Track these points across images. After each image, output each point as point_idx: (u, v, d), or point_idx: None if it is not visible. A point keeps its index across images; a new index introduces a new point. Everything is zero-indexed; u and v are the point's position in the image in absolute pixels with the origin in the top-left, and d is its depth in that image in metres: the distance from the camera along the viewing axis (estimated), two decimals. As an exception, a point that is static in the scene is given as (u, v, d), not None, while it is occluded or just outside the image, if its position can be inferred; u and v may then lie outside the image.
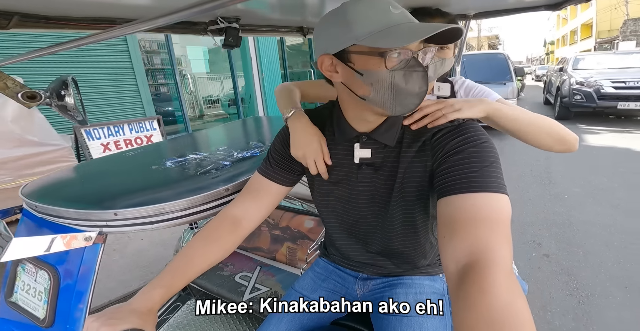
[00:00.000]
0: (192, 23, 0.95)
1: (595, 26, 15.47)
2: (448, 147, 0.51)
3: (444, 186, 0.49)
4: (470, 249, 0.40)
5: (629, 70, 5.26)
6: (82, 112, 0.77)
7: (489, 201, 0.44)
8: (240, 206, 0.65)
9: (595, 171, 2.83)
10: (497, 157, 0.49)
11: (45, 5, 0.63)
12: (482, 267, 0.38)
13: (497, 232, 0.41)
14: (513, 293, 0.36)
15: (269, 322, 0.71)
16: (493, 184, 0.45)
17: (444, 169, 0.50)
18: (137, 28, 0.44)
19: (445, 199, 0.47)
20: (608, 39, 13.65)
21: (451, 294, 0.41)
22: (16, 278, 0.77)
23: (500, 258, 0.39)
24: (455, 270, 0.41)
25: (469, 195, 0.45)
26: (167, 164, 0.94)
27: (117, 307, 0.50)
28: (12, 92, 0.63)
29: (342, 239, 0.73)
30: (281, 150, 0.67)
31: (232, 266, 1.16)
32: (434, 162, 0.53)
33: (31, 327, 0.70)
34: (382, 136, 0.58)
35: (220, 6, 0.36)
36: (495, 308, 0.35)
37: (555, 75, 6.57)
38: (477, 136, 0.51)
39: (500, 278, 0.37)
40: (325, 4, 0.89)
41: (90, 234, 0.65)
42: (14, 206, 0.81)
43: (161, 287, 0.54)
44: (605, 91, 4.86)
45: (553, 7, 0.96)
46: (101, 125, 2.91)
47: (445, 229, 0.45)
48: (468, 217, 0.43)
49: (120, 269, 1.99)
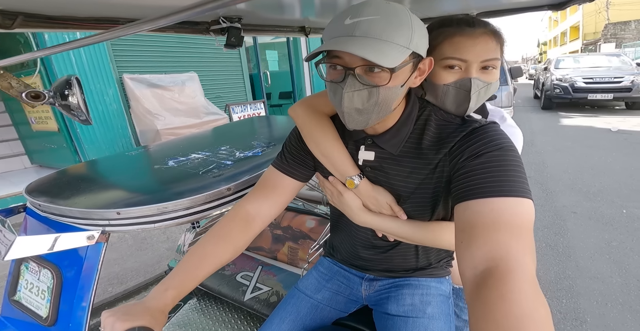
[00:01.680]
0: (195, 23, 0.95)
1: (582, 29, 17.29)
2: (469, 151, 0.49)
3: (463, 190, 0.47)
4: (490, 255, 0.39)
5: (598, 69, 6.68)
6: (86, 112, 0.78)
7: (511, 206, 0.42)
8: (253, 203, 0.64)
9: (565, 139, 4.45)
10: (520, 161, 0.47)
11: (49, 5, 0.63)
12: (503, 274, 0.37)
13: (518, 238, 0.39)
14: (536, 301, 0.34)
15: (271, 322, 0.71)
16: (516, 189, 0.43)
17: (463, 174, 0.48)
18: (140, 28, 0.44)
19: (464, 204, 0.45)
20: (593, 41, 15.63)
21: (468, 300, 0.39)
22: (20, 276, 0.78)
23: (522, 265, 0.37)
24: (473, 276, 0.39)
25: (490, 200, 0.43)
26: (169, 163, 0.94)
27: (132, 304, 0.51)
28: (16, 92, 0.63)
29: (349, 239, 0.72)
30: (297, 144, 0.66)
31: (233, 265, 1.16)
32: (452, 167, 0.51)
33: (34, 326, 0.71)
34: (386, 144, 0.57)
35: (223, 6, 0.36)
36: (516, 316, 0.33)
37: (542, 73, 7.90)
38: (498, 140, 0.48)
39: (523, 286, 0.35)
40: (326, 4, 0.89)
41: (93, 233, 0.65)
42: (18, 205, 0.81)
43: (173, 288, 0.54)
44: (578, 85, 6.28)
45: (557, 7, 0.95)
46: (242, 104, 4.49)
47: (463, 235, 0.43)
48: (488, 222, 0.41)
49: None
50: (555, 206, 2.52)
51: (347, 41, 0.45)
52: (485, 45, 0.57)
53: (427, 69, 0.53)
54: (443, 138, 0.53)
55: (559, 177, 3.10)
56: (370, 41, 0.44)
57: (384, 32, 0.45)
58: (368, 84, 0.47)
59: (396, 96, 0.50)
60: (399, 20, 0.46)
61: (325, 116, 0.64)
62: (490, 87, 0.60)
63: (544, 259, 1.88)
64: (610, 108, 6.74)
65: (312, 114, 0.64)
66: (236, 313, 1.09)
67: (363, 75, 0.47)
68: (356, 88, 0.47)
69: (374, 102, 0.48)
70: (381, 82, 0.47)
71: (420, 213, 0.60)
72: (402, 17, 0.46)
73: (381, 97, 0.48)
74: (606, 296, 1.57)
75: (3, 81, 0.62)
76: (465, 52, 0.56)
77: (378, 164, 0.59)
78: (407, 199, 0.59)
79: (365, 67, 0.47)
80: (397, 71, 0.46)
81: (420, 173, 0.56)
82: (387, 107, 0.51)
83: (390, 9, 0.46)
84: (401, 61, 0.45)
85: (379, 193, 0.61)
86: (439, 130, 0.55)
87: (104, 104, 3.38)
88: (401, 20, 0.46)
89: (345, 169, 0.61)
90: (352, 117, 0.50)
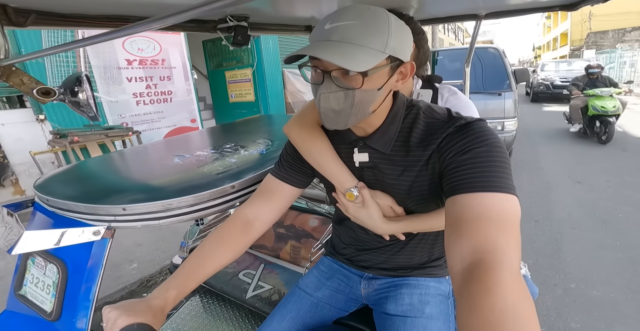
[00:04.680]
0: (202, 21, 0.96)
1: (570, 36, 19.74)
2: (456, 148, 0.50)
3: (452, 185, 0.48)
4: (476, 248, 0.40)
5: (573, 71, 9.13)
6: (94, 109, 0.79)
7: (498, 200, 0.43)
8: (253, 208, 0.66)
9: (545, 121, 6.81)
10: (507, 157, 0.48)
11: (61, 3, 0.64)
12: (488, 266, 0.38)
13: (504, 232, 0.40)
14: (519, 294, 0.35)
15: (271, 320, 0.71)
16: (502, 184, 0.44)
17: (452, 169, 0.49)
18: (150, 26, 0.45)
19: (453, 199, 0.46)
20: (578, 47, 18.17)
21: (455, 294, 0.40)
22: (26, 271, 0.79)
23: (507, 258, 0.38)
24: (460, 269, 0.40)
25: (477, 195, 0.44)
26: (175, 160, 0.95)
27: (135, 301, 0.52)
28: (27, 88, 0.64)
29: (350, 239, 0.73)
30: (292, 153, 0.68)
31: (236, 263, 1.17)
32: (442, 163, 0.53)
33: (38, 320, 0.71)
34: (377, 143, 0.58)
35: (232, 4, 0.36)
36: (500, 309, 0.34)
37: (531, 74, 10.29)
38: (485, 136, 0.50)
39: (506, 278, 0.36)
40: (333, 4, 0.89)
41: (99, 229, 0.66)
42: (26, 200, 0.83)
43: (175, 288, 0.55)
44: (556, 83, 9.07)
45: (569, 7, 0.94)
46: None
47: (452, 229, 0.44)
48: (475, 216, 0.42)
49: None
50: (533, 142, 5.02)
51: (322, 46, 0.47)
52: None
53: (409, 72, 0.54)
54: (430, 135, 0.55)
55: (536, 132, 5.75)
56: (344, 46, 0.46)
57: (360, 37, 0.47)
58: (343, 87, 0.49)
59: (373, 98, 0.51)
60: (375, 25, 0.47)
61: (317, 128, 0.66)
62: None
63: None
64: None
65: (305, 130, 0.66)
66: (238, 310, 1.09)
67: (339, 77, 0.49)
68: (332, 90, 0.49)
69: (349, 103, 0.50)
70: (356, 85, 0.49)
71: (423, 208, 0.61)
72: (380, 22, 0.48)
73: (357, 99, 0.50)
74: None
75: (15, 77, 0.63)
76: None
77: (374, 165, 0.60)
78: (407, 197, 0.60)
79: (341, 70, 0.48)
80: (371, 75, 0.48)
81: (412, 170, 0.57)
82: (364, 109, 0.52)
83: (369, 14, 0.48)
84: (373, 65, 0.47)
85: (379, 197, 0.62)
86: (426, 127, 0.56)
87: (275, 86, 5.43)
88: (378, 25, 0.48)
89: (343, 181, 0.63)
90: (329, 117, 0.52)
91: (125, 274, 1.95)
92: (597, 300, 1.61)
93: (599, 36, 16.17)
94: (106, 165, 1.04)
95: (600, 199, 2.79)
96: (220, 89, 5.53)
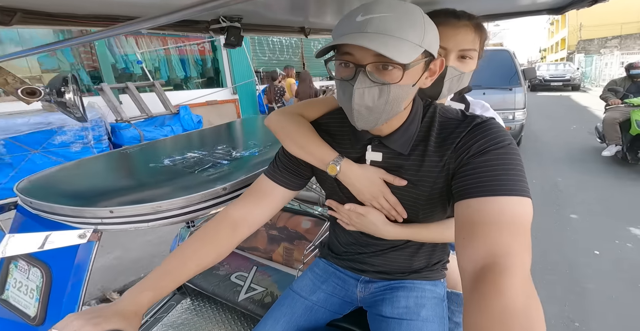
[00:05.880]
0: (194, 22, 0.95)
1: (567, 41, 24.47)
2: (475, 148, 0.49)
3: (466, 187, 0.47)
4: (490, 252, 0.40)
5: (557, 70, 14.43)
6: (81, 109, 0.77)
7: (513, 205, 0.43)
8: (242, 208, 0.63)
9: (541, 107, 8.56)
10: (520, 160, 0.47)
11: (48, 2, 0.63)
12: (501, 270, 0.38)
13: (518, 237, 0.41)
14: (529, 297, 0.36)
15: (264, 323, 0.71)
16: (518, 188, 0.44)
17: (467, 171, 0.48)
18: (140, 26, 0.44)
19: (467, 202, 0.46)
20: (573, 51, 22.56)
21: (465, 295, 0.40)
22: (8, 275, 0.76)
23: (520, 262, 0.39)
24: (472, 271, 0.40)
25: (493, 198, 0.44)
26: (164, 162, 0.93)
27: (102, 307, 0.48)
28: (12, 88, 0.63)
29: (348, 241, 0.72)
30: (290, 154, 0.65)
31: (228, 265, 1.15)
32: (458, 163, 0.51)
33: (21, 325, 0.69)
34: (395, 143, 0.56)
35: (223, 5, 0.36)
36: (510, 311, 0.35)
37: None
38: (502, 137, 0.49)
39: (518, 282, 0.37)
40: (327, 5, 0.89)
41: (84, 232, 0.65)
42: (8, 202, 0.80)
43: (150, 290, 0.51)
44: (547, 78, 13.84)
45: (556, 11, 0.97)
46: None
47: (465, 231, 0.44)
48: (490, 220, 0.42)
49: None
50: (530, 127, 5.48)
51: (359, 37, 0.44)
52: (465, 36, 0.63)
53: (437, 69, 0.53)
54: (448, 135, 0.53)
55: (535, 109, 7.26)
56: (383, 37, 0.43)
57: (399, 29, 0.44)
58: (379, 82, 0.46)
59: (407, 95, 0.49)
60: (411, 18, 0.45)
61: (298, 114, 0.65)
62: (463, 78, 0.65)
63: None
64: (562, 89, 13.83)
65: (285, 116, 0.65)
66: (230, 313, 1.08)
67: (374, 72, 0.46)
68: (367, 85, 0.46)
69: (384, 100, 0.47)
70: (393, 79, 0.46)
71: (430, 214, 0.60)
72: (415, 16, 0.46)
73: (392, 95, 0.47)
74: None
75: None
76: (445, 40, 0.60)
77: (387, 165, 0.59)
78: (423, 203, 0.58)
79: (376, 64, 0.45)
80: (410, 69, 0.46)
81: (432, 171, 0.55)
82: (398, 107, 0.50)
83: (403, 7, 0.46)
84: (414, 58, 0.45)
85: (367, 169, 0.58)
86: (442, 127, 0.55)
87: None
88: (414, 18, 0.46)
89: (322, 155, 0.60)
90: (362, 116, 0.49)
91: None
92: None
93: (587, 43, 20.20)
94: (93, 167, 1.01)
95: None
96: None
